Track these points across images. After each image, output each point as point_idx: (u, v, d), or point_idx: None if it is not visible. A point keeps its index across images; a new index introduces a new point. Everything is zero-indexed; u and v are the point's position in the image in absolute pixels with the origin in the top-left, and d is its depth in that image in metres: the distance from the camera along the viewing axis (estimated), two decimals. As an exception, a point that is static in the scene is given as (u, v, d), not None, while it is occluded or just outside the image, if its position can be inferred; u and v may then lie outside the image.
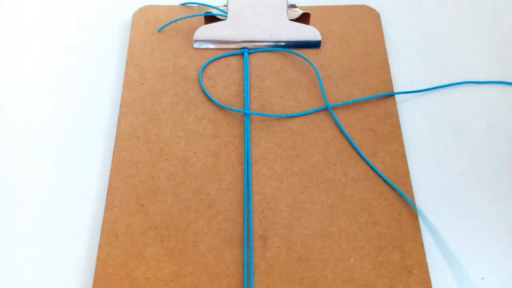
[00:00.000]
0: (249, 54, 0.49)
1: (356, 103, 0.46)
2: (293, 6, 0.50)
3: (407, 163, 0.42)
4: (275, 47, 0.49)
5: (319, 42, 0.49)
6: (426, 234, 0.39)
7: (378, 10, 0.52)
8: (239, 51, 0.49)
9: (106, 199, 0.40)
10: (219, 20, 0.50)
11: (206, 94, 0.46)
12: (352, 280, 0.37)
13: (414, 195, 0.41)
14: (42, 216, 0.40)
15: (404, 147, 0.43)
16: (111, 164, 0.42)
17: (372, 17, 0.52)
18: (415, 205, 0.39)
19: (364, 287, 0.36)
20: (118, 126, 0.44)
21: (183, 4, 0.53)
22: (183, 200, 0.40)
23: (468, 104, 0.47)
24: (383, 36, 0.51)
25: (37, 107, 0.47)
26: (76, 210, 0.41)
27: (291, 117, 0.45)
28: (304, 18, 0.50)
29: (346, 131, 0.44)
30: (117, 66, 0.49)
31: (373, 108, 0.45)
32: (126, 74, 0.47)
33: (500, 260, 0.38)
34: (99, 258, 0.37)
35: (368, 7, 0.53)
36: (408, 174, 0.42)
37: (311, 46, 0.49)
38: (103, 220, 0.39)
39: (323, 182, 0.41)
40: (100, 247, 0.38)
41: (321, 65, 0.48)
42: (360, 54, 0.49)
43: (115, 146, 0.43)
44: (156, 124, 0.44)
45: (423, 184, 0.42)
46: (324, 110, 0.45)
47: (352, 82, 0.47)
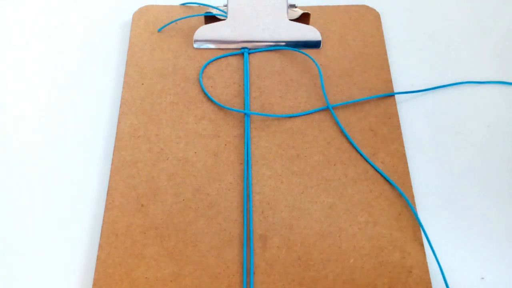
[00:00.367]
0: (249, 54, 0.49)
1: (356, 103, 0.46)
2: (293, 6, 0.50)
3: (407, 163, 0.42)
4: (275, 47, 0.49)
5: (319, 42, 0.49)
6: (425, 236, 0.39)
7: (378, 10, 0.52)
8: (239, 51, 0.49)
9: (106, 199, 0.40)
10: (219, 20, 0.50)
11: (206, 94, 0.46)
12: (352, 280, 0.37)
13: (414, 195, 0.41)
14: (42, 216, 0.40)
15: (404, 147, 0.43)
16: (111, 164, 0.42)
17: (372, 17, 0.52)
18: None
19: (364, 287, 0.36)
20: (118, 126, 0.44)
21: (183, 4, 0.53)
22: (183, 200, 0.40)
23: (468, 104, 0.47)
24: (383, 36, 0.51)
25: (37, 107, 0.47)
26: (76, 210, 0.41)
27: (291, 117, 0.45)
28: (304, 18, 0.50)
29: (346, 131, 0.44)
30: (117, 66, 0.49)
31: (373, 108, 0.45)
32: (126, 74, 0.47)
33: (500, 260, 0.38)
34: (99, 258, 0.38)
35: (368, 7, 0.53)
36: (408, 174, 0.42)
37: (311, 46, 0.49)
38: (103, 220, 0.39)
39: (323, 182, 0.41)
40: (100, 247, 0.38)
41: (321, 65, 0.48)
42: (360, 54, 0.49)
43: (115, 146, 0.43)
44: (156, 124, 0.44)
45: (423, 184, 0.42)
46: (324, 110, 0.45)
47: (352, 82, 0.47)
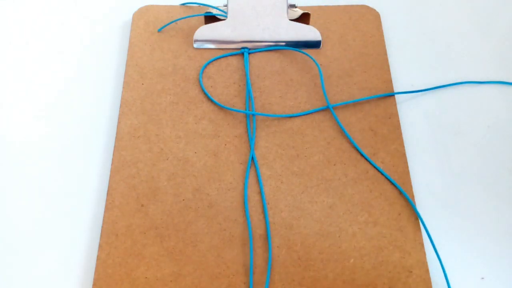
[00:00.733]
0: (249, 54, 0.49)
1: (356, 103, 0.46)
2: (293, 6, 0.50)
3: (407, 163, 0.42)
4: (275, 47, 0.49)
5: (319, 42, 0.49)
6: (426, 234, 0.39)
7: (378, 10, 0.52)
8: (239, 51, 0.49)
9: (106, 199, 0.40)
10: (219, 20, 0.50)
11: (206, 94, 0.46)
12: (352, 280, 0.37)
13: (414, 195, 0.41)
14: (42, 216, 0.40)
15: (404, 147, 0.43)
16: (111, 164, 0.42)
17: (372, 17, 0.52)
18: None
19: (364, 287, 0.36)
20: (118, 126, 0.44)
21: (183, 4, 0.53)
22: (183, 200, 0.40)
23: (468, 104, 0.47)
24: (383, 36, 0.51)
25: (37, 107, 0.47)
26: (76, 210, 0.41)
27: (291, 117, 0.45)
28: (304, 18, 0.50)
29: (346, 131, 0.44)
30: (117, 66, 0.49)
31: (373, 108, 0.45)
32: (126, 74, 0.47)
33: (500, 260, 0.38)
34: (99, 258, 0.38)
35: (368, 7, 0.53)
36: (408, 174, 0.42)
37: (311, 46, 0.49)
38: (103, 220, 0.39)
39: (323, 182, 0.41)
40: (100, 247, 0.38)
41: (321, 65, 0.48)
42: (360, 54, 0.49)
43: (115, 146, 0.43)
44: (156, 124, 0.44)
45: (423, 184, 0.42)
46: (324, 110, 0.45)
47: (352, 82, 0.47)
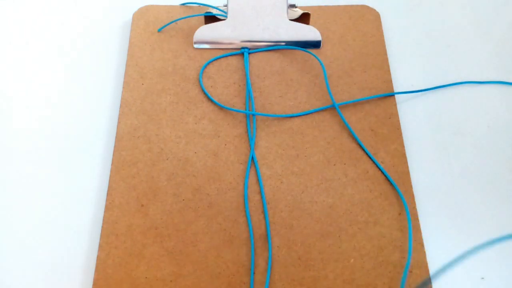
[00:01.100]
0: (249, 54, 0.49)
1: (356, 103, 0.46)
2: (293, 6, 0.50)
3: (407, 163, 0.42)
4: (275, 47, 0.49)
5: (319, 42, 0.49)
6: (426, 234, 0.39)
7: (378, 10, 0.52)
8: (239, 51, 0.49)
9: (106, 199, 0.40)
10: (219, 20, 0.50)
11: (206, 94, 0.46)
12: (352, 280, 0.37)
13: (414, 195, 0.41)
14: (42, 216, 0.40)
15: (404, 147, 0.43)
16: (111, 164, 0.42)
17: (372, 17, 0.52)
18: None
19: (364, 287, 0.36)
20: (118, 126, 0.44)
21: (183, 4, 0.53)
22: (183, 200, 0.40)
23: (468, 104, 0.47)
24: (383, 36, 0.51)
25: (37, 107, 0.47)
26: (76, 210, 0.41)
27: (291, 117, 0.45)
28: (304, 18, 0.50)
29: (351, 128, 0.44)
30: (117, 66, 0.49)
31: (373, 108, 0.45)
32: (126, 74, 0.47)
33: (500, 260, 0.38)
34: (99, 258, 0.38)
35: (368, 7, 0.53)
36: (408, 174, 0.42)
37: (311, 46, 0.49)
38: (103, 220, 0.39)
39: (323, 182, 0.41)
40: (100, 247, 0.38)
41: (321, 65, 0.48)
42: (360, 54, 0.49)
43: (115, 146, 0.43)
44: (156, 124, 0.44)
45: (423, 184, 0.42)
46: (324, 110, 0.45)
47: (352, 82, 0.47)
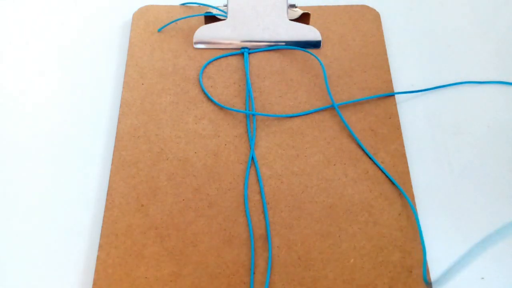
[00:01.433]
0: (249, 54, 0.49)
1: (356, 103, 0.46)
2: (293, 6, 0.50)
3: (407, 163, 0.42)
4: (275, 47, 0.49)
5: (319, 42, 0.49)
6: (426, 234, 0.39)
7: (378, 10, 0.52)
8: (239, 51, 0.49)
9: (106, 199, 0.40)
10: (219, 20, 0.50)
11: (206, 94, 0.46)
12: (352, 280, 0.37)
13: (414, 195, 0.41)
14: (42, 216, 0.40)
15: (404, 147, 0.43)
16: (111, 164, 0.42)
17: (372, 17, 0.52)
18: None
19: (364, 287, 0.36)
20: (118, 126, 0.44)
21: (183, 4, 0.53)
22: (183, 200, 0.40)
23: (468, 104, 0.47)
24: (383, 36, 0.51)
25: (37, 107, 0.47)
26: (76, 210, 0.41)
27: (291, 117, 0.45)
28: (304, 18, 0.50)
29: (350, 128, 0.44)
30: (117, 66, 0.49)
31: (373, 108, 0.45)
32: (126, 74, 0.47)
33: (500, 260, 0.38)
34: (99, 258, 0.38)
35: (368, 7, 0.53)
36: (408, 174, 0.42)
37: (311, 46, 0.49)
38: (103, 220, 0.39)
39: (323, 182, 0.41)
40: (100, 247, 0.38)
41: (321, 65, 0.48)
42: (360, 54, 0.49)
43: (115, 146, 0.43)
44: (156, 124, 0.44)
45: (423, 184, 0.42)
46: (324, 110, 0.45)
47: (352, 82, 0.47)
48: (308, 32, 0.49)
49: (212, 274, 0.37)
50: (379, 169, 0.42)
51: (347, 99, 0.46)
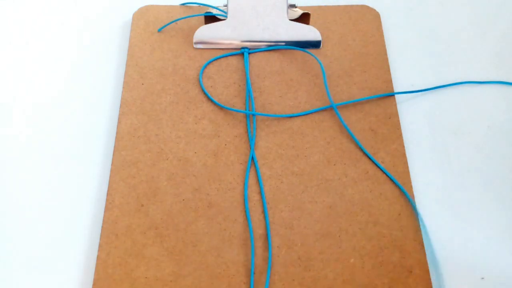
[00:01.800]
0: (249, 54, 0.49)
1: (356, 103, 0.46)
2: (293, 6, 0.50)
3: (407, 163, 0.42)
4: (275, 47, 0.49)
5: (319, 42, 0.49)
6: (426, 234, 0.39)
7: (378, 10, 0.52)
8: (239, 51, 0.49)
9: (106, 199, 0.40)
10: (219, 20, 0.50)
11: (206, 94, 0.46)
12: (352, 280, 0.37)
13: (414, 195, 0.41)
14: (42, 216, 0.40)
15: (404, 147, 0.43)
16: (111, 164, 0.42)
17: (372, 17, 0.52)
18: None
19: (364, 287, 0.36)
20: (118, 126, 0.44)
21: (183, 4, 0.53)
22: (183, 200, 0.40)
23: (468, 104, 0.47)
24: (383, 36, 0.51)
25: (37, 107, 0.47)
26: (76, 210, 0.41)
27: (291, 117, 0.45)
28: (304, 18, 0.50)
29: (349, 129, 0.44)
30: (117, 66, 0.49)
31: (373, 108, 0.45)
32: (126, 74, 0.47)
33: (500, 260, 0.38)
34: (99, 258, 0.37)
35: (368, 7, 0.53)
36: (408, 174, 0.42)
37: (311, 46, 0.49)
38: (103, 220, 0.39)
39: (323, 182, 0.41)
40: (100, 247, 0.38)
41: (321, 65, 0.48)
42: (360, 54, 0.49)
43: (115, 146, 0.43)
44: (156, 124, 0.44)
45: (423, 184, 0.42)
46: (324, 110, 0.45)
47: (352, 82, 0.47)
48: (308, 32, 0.49)
49: (212, 274, 0.37)
50: (379, 169, 0.42)
51: (347, 99, 0.46)
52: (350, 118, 0.45)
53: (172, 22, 0.51)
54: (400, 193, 0.41)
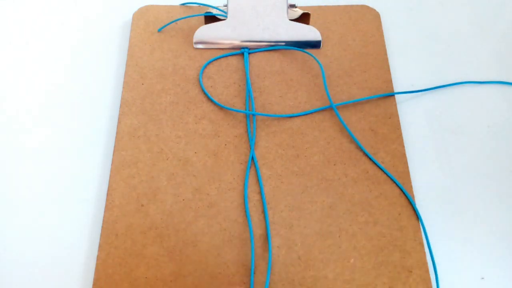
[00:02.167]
0: (249, 54, 0.49)
1: (356, 103, 0.46)
2: (293, 6, 0.50)
3: (407, 163, 0.42)
4: (275, 47, 0.49)
5: (319, 42, 0.49)
6: (426, 234, 0.39)
7: (378, 10, 0.52)
8: (239, 51, 0.49)
9: (106, 199, 0.40)
10: (219, 20, 0.50)
11: (206, 94, 0.46)
12: (352, 280, 0.37)
13: (414, 195, 0.41)
14: (42, 216, 0.40)
15: (404, 147, 0.43)
16: (111, 164, 0.42)
17: (372, 17, 0.52)
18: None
19: (364, 287, 0.36)
20: (118, 126, 0.44)
21: (183, 4, 0.53)
22: (183, 200, 0.40)
23: (468, 104, 0.47)
24: (383, 36, 0.51)
25: (37, 107, 0.47)
26: (76, 210, 0.41)
27: (291, 117, 0.45)
28: (304, 18, 0.50)
29: (349, 129, 0.44)
30: (117, 66, 0.49)
31: (373, 108, 0.45)
32: (126, 74, 0.47)
33: (500, 260, 0.38)
34: (99, 258, 0.38)
35: (368, 7, 0.53)
36: (408, 174, 0.42)
37: (311, 46, 0.49)
38: (103, 220, 0.39)
39: (323, 182, 0.41)
40: (100, 247, 0.38)
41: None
42: (360, 54, 0.49)
43: (115, 146, 0.43)
44: (156, 124, 0.44)
45: (423, 184, 0.42)
46: (324, 110, 0.45)
47: (352, 82, 0.47)
48: (308, 32, 0.49)
49: (212, 274, 0.37)
50: (379, 169, 0.42)
51: (347, 99, 0.46)
52: (350, 118, 0.45)
53: (172, 22, 0.51)
54: (400, 193, 0.41)
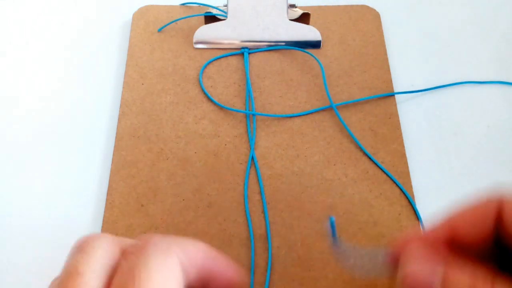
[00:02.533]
0: (249, 54, 0.49)
1: (356, 103, 0.46)
2: (293, 6, 0.50)
3: (407, 163, 0.42)
4: (275, 47, 0.49)
5: (319, 42, 0.49)
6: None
7: (378, 10, 0.52)
8: (239, 51, 0.49)
9: (106, 199, 0.40)
10: (219, 20, 0.50)
11: (206, 94, 0.46)
12: (352, 280, 0.37)
13: (414, 195, 0.41)
14: (42, 216, 0.40)
15: (404, 147, 0.43)
16: (111, 164, 0.42)
17: (372, 17, 0.52)
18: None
19: (364, 287, 0.36)
20: (118, 126, 0.44)
21: (183, 4, 0.53)
22: (183, 200, 0.40)
23: (468, 104, 0.47)
24: (383, 36, 0.51)
25: (37, 107, 0.47)
26: (76, 210, 0.41)
27: (291, 117, 0.45)
28: (304, 18, 0.50)
29: (349, 129, 0.44)
30: (117, 66, 0.49)
31: (373, 108, 0.45)
32: (126, 74, 0.47)
33: (500, 260, 0.38)
34: (99, 258, 0.37)
35: (368, 7, 0.53)
36: (408, 174, 0.42)
37: (311, 46, 0.49)
38: (103, 220, 0.39)
39: (323, 182, 0.41)
40: (100, 247, 0.38)
41: (321, 65, 0.48)
42: (360, 54, 0.49)
43: (115, 146, 0.43)
44: (156, 124, 0.44)
45: (423, 184, 0.42)
46: (324, 110, 0.45)
47: (352, 82, 0.47)
48: (308, 32, 0.49)
49: (212, 274, 0.37)
50: (379, 169, 0.42)
51: (347, 99, 0.46)
52: (350, 118, 0.45)
53: (172, 22, 0.51)
54: (400, 193, 0.41)
